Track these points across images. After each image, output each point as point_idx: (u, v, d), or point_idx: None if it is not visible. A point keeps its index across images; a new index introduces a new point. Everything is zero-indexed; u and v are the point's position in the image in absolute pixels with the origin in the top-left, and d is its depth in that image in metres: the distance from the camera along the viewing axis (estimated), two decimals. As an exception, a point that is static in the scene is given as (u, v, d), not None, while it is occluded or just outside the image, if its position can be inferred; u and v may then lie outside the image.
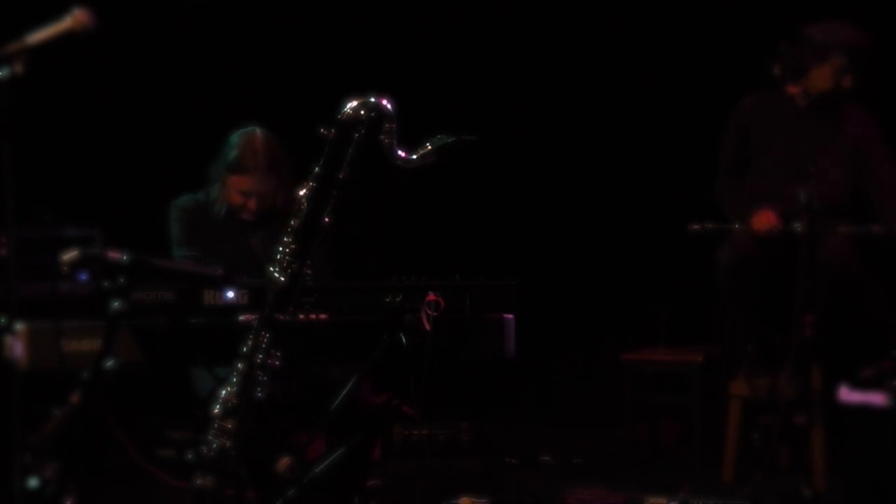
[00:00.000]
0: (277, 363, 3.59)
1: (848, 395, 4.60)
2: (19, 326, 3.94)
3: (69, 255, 3.56)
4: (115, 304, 3.49)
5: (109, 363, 3.45)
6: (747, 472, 5.49)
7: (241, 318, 3.99)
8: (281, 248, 3.65)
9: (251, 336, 3.60)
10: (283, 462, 3.74)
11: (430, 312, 4.08)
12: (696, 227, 5.74)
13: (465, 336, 4.26)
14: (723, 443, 5.80)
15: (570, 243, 7.37)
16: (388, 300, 4.16)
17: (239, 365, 3.57)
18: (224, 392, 3.55)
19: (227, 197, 4.93)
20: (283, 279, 3.62)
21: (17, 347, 3.90)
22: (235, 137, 4.96)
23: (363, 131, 3.71)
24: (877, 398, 4.51)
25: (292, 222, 3.68)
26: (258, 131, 4.96)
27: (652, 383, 6.32)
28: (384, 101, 3.73)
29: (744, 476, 5.49)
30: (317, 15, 7.40)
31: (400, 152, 3.74)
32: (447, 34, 7.39)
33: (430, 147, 3.79)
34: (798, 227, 5.31)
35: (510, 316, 4.30)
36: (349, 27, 7.43)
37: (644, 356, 6.34)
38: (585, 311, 7.36)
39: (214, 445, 3.51)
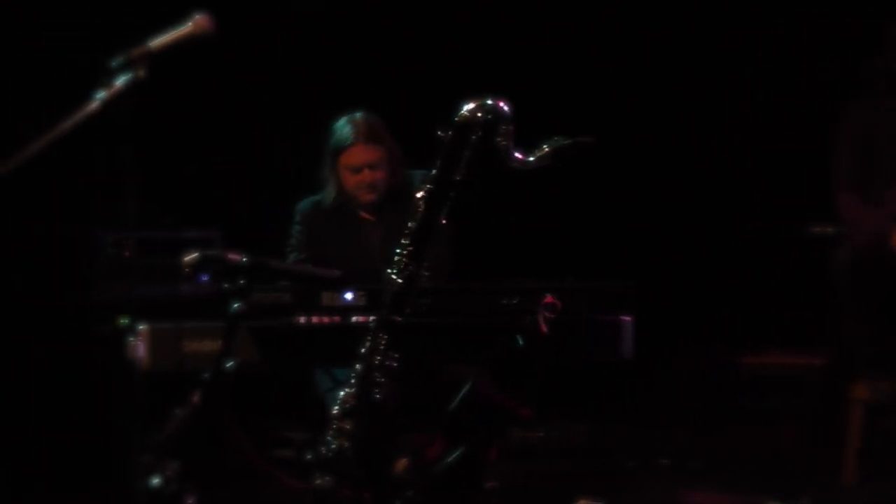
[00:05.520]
0: (395, 365, 3.60)
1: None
2: (141, 327, 4.02)
3: (190, 257, 3.60)
4: (235, 305, 3.53)
5: (229, 364, 3.49)
6: (869, 476, 5.41)
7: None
8: (399, 250, 3.66)
9: (369, 338, 3.61)
10: (401, 463, 3.74)
11: (546, 314, 4.07)
12: (816, 228, 5.67)
13: (582, 338, 4.23)
14: (842, 447, 5.72)
15: (687, 244, 7.32)
16: (504, 302, 4.16)
17: (357, 366, 3.59)
18: (342, 393, 3.57)
19: (342, 183, 4.92)
20: (399, 281, 3.63)
21: (139, 348, 3.98)
22: (334, 124, 4.99)
23: (480, 133, 3.71)
24: None
25: (409, 224, 3.69)
26: (357, 114, 4.97)
27: (769, 386, 6.26)
28: (501, 104, 3.71)
29: (865, 481, 5.41)
30: (433, 20, 7.41)
31: (517, 154, 3.72)
32: (556, 39, 7.38)
33: (546, 149, 3.76)
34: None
35: (627, 318, 4.27)
36: (465, 32, 7.43)
37: (761, 359, 6.28)
38: (701, 313, 7.30)
39: (333, 446, 3.53)
